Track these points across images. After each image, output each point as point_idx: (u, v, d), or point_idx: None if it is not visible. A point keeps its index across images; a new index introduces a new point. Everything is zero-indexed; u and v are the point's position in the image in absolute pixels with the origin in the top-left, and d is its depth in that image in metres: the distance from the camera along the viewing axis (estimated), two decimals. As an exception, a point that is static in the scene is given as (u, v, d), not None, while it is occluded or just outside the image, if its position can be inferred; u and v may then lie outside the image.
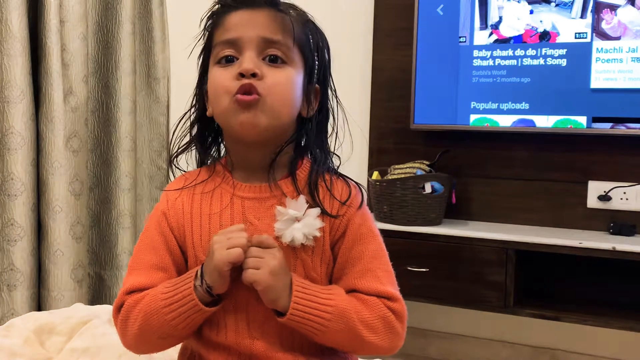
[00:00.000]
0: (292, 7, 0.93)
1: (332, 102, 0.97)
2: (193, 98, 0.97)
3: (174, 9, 2.43)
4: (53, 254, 1.96)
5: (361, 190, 0.95)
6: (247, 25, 0.89)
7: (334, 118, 0.97)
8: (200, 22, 0.96)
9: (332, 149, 0.96)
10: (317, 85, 0.95)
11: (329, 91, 0.96)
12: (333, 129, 0.97)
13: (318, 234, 0.88)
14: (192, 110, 0.97)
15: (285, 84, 0.88)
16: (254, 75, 0.86)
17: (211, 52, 0.92)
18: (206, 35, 0.95)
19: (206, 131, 0.96)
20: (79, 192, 2.04)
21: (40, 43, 1.95)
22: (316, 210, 0.88)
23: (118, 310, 0.90)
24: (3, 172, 1.87)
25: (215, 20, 0.93)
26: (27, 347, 1.23)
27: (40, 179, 1.96)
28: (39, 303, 1.98)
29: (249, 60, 0.87)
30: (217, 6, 0.94)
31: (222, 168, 0.94)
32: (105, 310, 1.41)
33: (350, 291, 0.90)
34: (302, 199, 0.89)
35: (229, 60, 0.89)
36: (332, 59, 0.97)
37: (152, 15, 2.31)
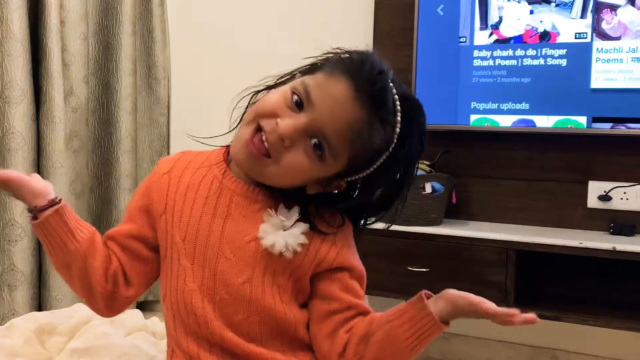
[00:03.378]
0: (403, 110, 0.86)
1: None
2: (277, 81, 0.94)
3: (174, 9, 2.43)
4: (53, 254, 1.96)
5: (353, 224, 0.95)
6: (331, 107, 0.82)
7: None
8: (325, 53, 0.91)
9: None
10: (344, 183, 0.90)
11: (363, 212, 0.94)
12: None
13: (299, 249, 0.88)
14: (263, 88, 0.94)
15: (301, 172, 0.86)
16: (282, 139, 0.83)
17: (299, 75, 0.90)
18: (316, 63, 0.91)
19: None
20: (79, 192, 2.04)
21: (41, 43, 1.95)
22: (305, 226, 0.88)
23: None
24: (4, 173, 1.87)
25: (328, 68, 0.87)
26: (28, 347, 1.23)
27: (40, 179, 1.96)
28: (40, 303, 1.98)
29: (292, 128, 0.83)
30: (341, 57, 0.88)
31: (222, 155, 0.95)
32: (105, 311, 1.41)
33: (348, 306, 0.92)
34: (295, 209, 0.89)
35: (296, 103, 0.84)
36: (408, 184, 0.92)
37: (152, 16, 2.31)
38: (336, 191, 0.91)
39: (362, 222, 0.96)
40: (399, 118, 0.86)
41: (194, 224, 0.90)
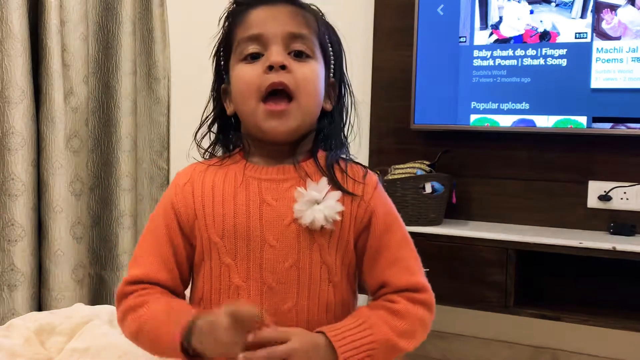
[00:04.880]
0: (308, 5, 0.95)
1: (347, 97, 0.98)
2: (210, 98, 0.98)
3: (174, 9, 2.43)
4: (53, 254, 1.96)
5: (377, 174, 0.97)
6: (270, 21, 0.89)
7: (347, 113, 0.98)
8: (219, 20, 0.95)
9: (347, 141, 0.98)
10: (333, 79, 0.96)
11: (344, 85, 0.98)
12: (348, 122, 0.98)
13: (338, 217, 0.88)
14: (212, 110, 0.98)
15: (313, 77, 0.89)
16: (283, 67, 0.87)
17: (232, 50, 0.92)
18: (224, 33, 0.95)
19: (225, 126, 0.97)
20: (79, 192, 2.04)
21: (41, 43, 1.95)
22: (337, 194, 0.89)
23: (120, 299, 0.90)
24: (3, 173, 1.87)
25: (235, 19, 0.93)
26: (28, 347, 1.23)
27: (40, 179, 1.96)
28: (40, 303, 1.98)
29: (277, 53, 0.87)
30: (234, 5, 0.94)
31: (237, 154, 0.95)
32: (105, 311, 1.41)
33: (381, 285, 0.91)
34: (323, 181, 0.89)
35: (254, 57, 0.89)
36: (344, 56, 0.99)
37: (152, 15, 2.31)
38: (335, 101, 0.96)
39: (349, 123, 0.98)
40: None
41: (230, 219, 0.88)
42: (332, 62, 0.95)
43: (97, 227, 2.23)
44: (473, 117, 2.29)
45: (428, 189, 2.18)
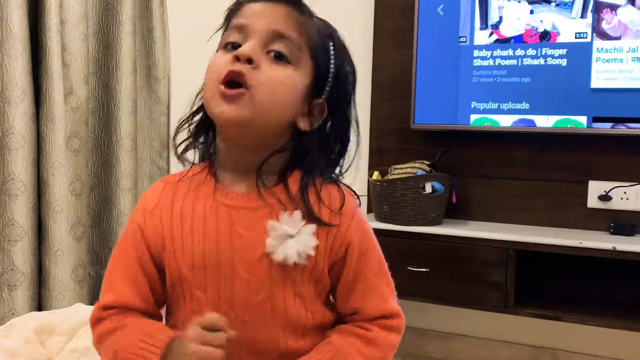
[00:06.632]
0: (316, 15, 0.89)
1: (351, 134, 0.91)
2: (195, 98, 0.93)
3: (175, 9, 2.43)
4: (53, 254, 1.96)
5: (357, 197, 0.91)
6: (261, 15, 0.84)
7: (344, 147, 0.91)
8: (225, 12, 0.91)
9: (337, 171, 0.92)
10: (325, 100, 0.88)
11: (347, 117, 0.90)
12: (346, 157, 0.92)
13: (312, 252, 0.83)
14: (195, 102, 0.93)
15: (282, 82, 0.82)
16: (249, 62, 0.81)
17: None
18: (223, 27, 0.90)
19: (204, 125, 0.92)
20: (79, 192, 2.04)
21: (41, 43, 1.95)
22: (311, 227, 0.83)
23: (95, 324, 0.87)
24: (4, 172, 1.87)
25: (235, 8, 0.88)
26: (28, 347, 1.23)
27: (40, 179, 1.96)
28: (40, 303, 1.98)
29: (248, 45, 0.82)
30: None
31: (207, 170, 0.89)
32: (105, 310, 1.41)
33: (354, 312, 0.89)
34: (297, 214, 0.84)
35: (234, 47, 0.84)
36: (353, 86, 0.91)
37: (152, 15, 2.31)
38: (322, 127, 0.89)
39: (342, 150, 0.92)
40: (310, 9, 0.88)
41: (199, 250, 0.84)
42: (329, 81, 0.87)
43: (97, 227, 2.23)
44: (473, 117, 2.29)
45: (428, 189, 2.18)
